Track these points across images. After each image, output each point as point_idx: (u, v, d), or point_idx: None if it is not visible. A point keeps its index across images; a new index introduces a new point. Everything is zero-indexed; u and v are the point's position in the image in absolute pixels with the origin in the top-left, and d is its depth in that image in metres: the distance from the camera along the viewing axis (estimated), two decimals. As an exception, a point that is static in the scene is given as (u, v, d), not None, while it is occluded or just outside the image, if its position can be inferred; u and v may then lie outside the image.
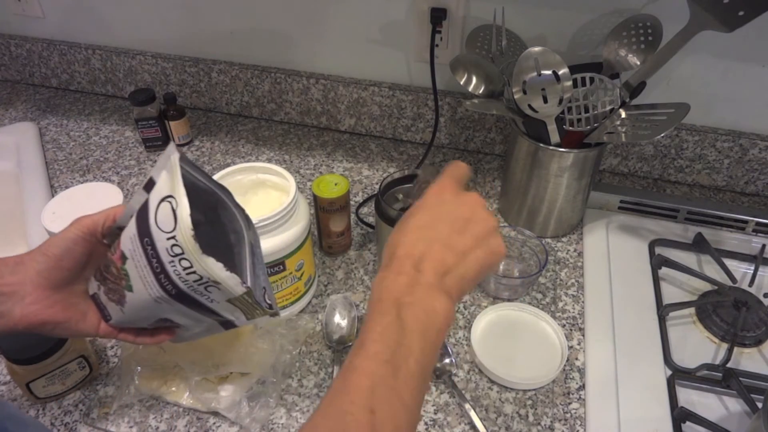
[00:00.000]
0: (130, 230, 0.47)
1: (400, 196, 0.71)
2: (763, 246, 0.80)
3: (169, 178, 0.45)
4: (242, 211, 0.53)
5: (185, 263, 0.44)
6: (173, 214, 0.43)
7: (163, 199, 0.44)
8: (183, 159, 0.47)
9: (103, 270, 0.51)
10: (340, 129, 1.08)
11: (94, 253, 0.52)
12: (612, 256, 0.80)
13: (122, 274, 0.48)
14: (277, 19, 0.99)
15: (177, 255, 0.44)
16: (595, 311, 0.73)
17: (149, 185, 0.47)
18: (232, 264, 0.49)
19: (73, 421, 0.62)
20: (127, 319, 0.52)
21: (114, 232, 0.51)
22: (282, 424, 0.62)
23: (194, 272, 0.45)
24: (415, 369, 0.40)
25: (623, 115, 0.72)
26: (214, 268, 0.45)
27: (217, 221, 0.52)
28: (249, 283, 0.50)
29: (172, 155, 0.46)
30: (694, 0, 0.63)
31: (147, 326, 0.53)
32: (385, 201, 0.68)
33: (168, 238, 0.44)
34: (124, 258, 0.47)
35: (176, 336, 0.56)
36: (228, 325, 0.53)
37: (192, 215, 0.43)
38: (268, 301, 0.51)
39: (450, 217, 0.46)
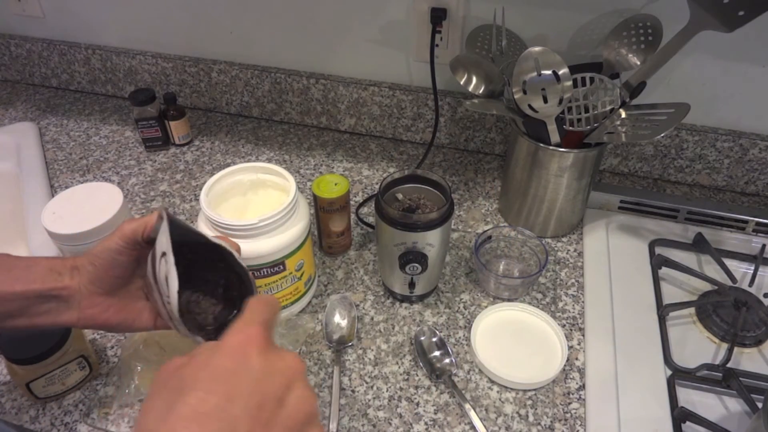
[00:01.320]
0: (149, 267, 0.49)
1: (400, 196, 0.71)
2: (763, 246, 0.80)
3: (164, 233, 0.46)
4: (216, 245, 0.52)
5: (182, 331, 0.47)
6: (165, 281, 0.45)
7: (162, 255, 0.46)
8: (170, 219, 0.47)
9: (149, 280, 0.52)
10: (340, 129, 1.08)
11: (141, 257, 0.52)
12: (612, 256, 0.80)
13: (155, 297, 0.50)
14: (277, 19, 0.99)
15: (174, 319, 0.47)
16: (595, 311, 0.73)
17: (160, 219, 0.48)
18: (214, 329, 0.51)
19: (73, 421, 0.62)
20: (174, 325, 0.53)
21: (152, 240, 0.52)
22: (282, 424, 0.62)
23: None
24: None
25: (623, 115, 0.72)
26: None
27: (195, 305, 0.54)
28: None
29: (164, 216, 0.47)
30: (694, 0, 0.63)
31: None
32: (385, 201, 0.68)
33: (167, 302, 0.46)
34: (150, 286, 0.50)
35: None
36: None
37: (180, 294, 0.45)
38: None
39: (255, 397, 0.31)
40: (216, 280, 0.53)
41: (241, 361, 0.33)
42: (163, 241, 0.45)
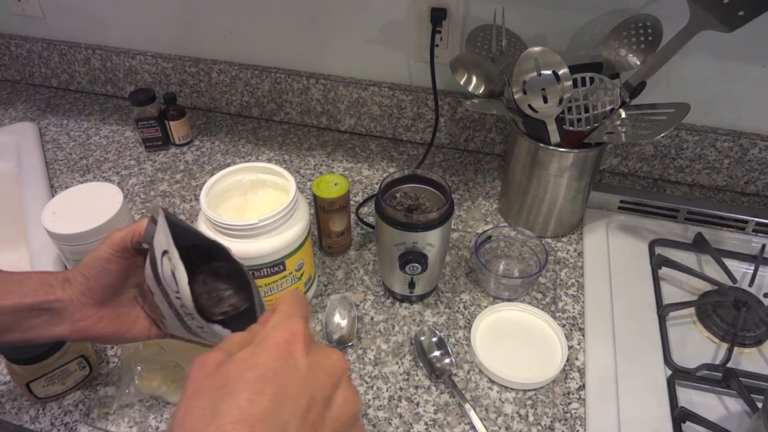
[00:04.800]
0: (148, 271, 0.48)
1: (400, 196, 0.71)
2: (763, 246, 0.80)
3: (162, 231, 0.46)
4: (239, 267, 0.52)
5: (196, 323, 0.47)
6: (173, 276, 0.44)
7: (163, 253, 0.45)
8: (171, 223, 0.47)
9: (144, 287, 0.52)
10: (340, 129, 1.08)
11: (132, 265, 0.52)
12: (612, 256, 0.80)
13: (155, 302, 0.50)
14: (277, 19, 0.99)
15: (188, 314, 0.46)
16: (595, 311, 0.73)
17: (152, 223, 0.48)
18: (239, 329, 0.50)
19: (73, 421, 0.62)
20: (171, 330, 0.53)
21: (142, 248, 0.52)
22: (282, 424, 0.62)
23: (206, 331, 0.47)
24: None
25: (623, 115, 0.72)
26: (222, 334, 0.46)
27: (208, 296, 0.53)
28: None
29: (159, 215, 0.46)
30: (694, 0, 0.63)
31: (188, 339, 0.54)
32: (385, 201, 0.68)
33: (176, 297, 0.45)
34: (150, 292, 0.49)
35: None
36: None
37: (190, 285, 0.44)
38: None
39: (303, 398, 0.30)
40: (215, 276, 0.52)
41: (288, 359, 0.31)
42: (162, 240, 0.45)
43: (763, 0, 0.59)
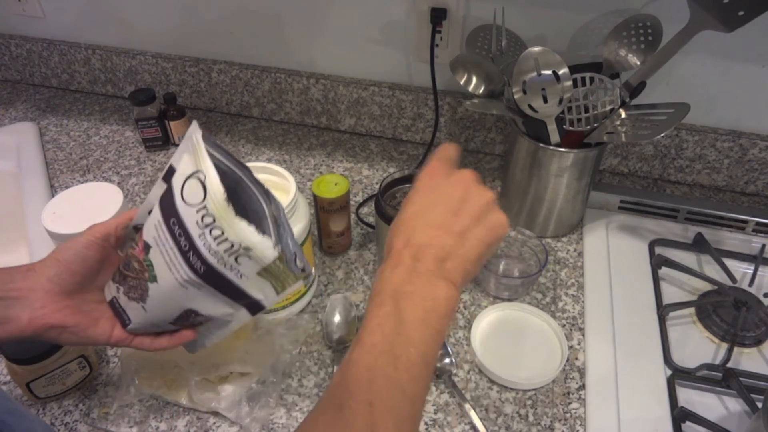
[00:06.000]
0: (154, 218, 0.47)
1: (400, 196, 0.71)
2: (763, 246, 0.80)
3: (191, 157, 0.46)
4: (261, 187, 0.52)
5: (216, 232, 0.44)
6: (202, 185, 0.44)
7: (188, 177, 0.45)
8: (206, 138, 0.46)
9: (122, 269, 0.51)
10: (340, 129, 1.08)
11: (107, 259, 0.51)
12: (612, 256, 0.80)
13: (145, 265, 0.48)
14: (277, 19, 0.99)
15: (207, 225, 0.44)
16: (595, 311, 0.73)
17: (169, 173, 0.47)
18: (261, 230, 0.47)
19: (73, 421, 0.62)
20: (149, 317, 0.51)
21: (130, 233, 0.51)
22: (282, 424, 0.62)
23: (225, 240, 0.44)
24: (417, 358, 0.39)
25: (623, 115, 0.72)
26: (246, 232, 0.44)
27: (238, 201, 0.52)
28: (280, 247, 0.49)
29: (194, 134, 0.46)
30: (694, 0, 0.63)
31: (169, 324, 0.52)
32: (385, 201, 0.68)
33: (198, 210, 0.44)
34: (147, 248, 0.48)
35: (197, 337, 0.54)
36: (255, 308, 0.52)
37: (222, 181, 0.43)
38: (300, 265, 0.50)
39: (444, 199, 0.45)
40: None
41: (432, 182, 0.47)
42: (188, 161, 0.45)
43: (763, 0, 0.59)
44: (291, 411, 0.63)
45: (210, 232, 0.44)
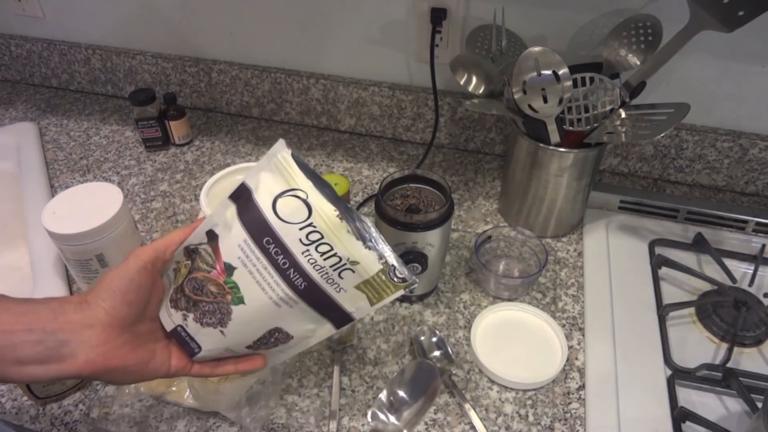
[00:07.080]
0: (237, 237, 0.46)
1: (400, 196, 0.71)
2: (763, 246, 0.80)
3: (277, 176, 0.46)
4: (344, 203, 0.51)
5: (323, 248, 0.45)
6: (304, 203, 0.44)
7: (280, 195, 0.45)
8: (295, 156, 0.47)
9: (191, 294, 0.48)
10: (340, 129, 1.08)
11: (155, 286, 0.48)
12: (612, 256, 0.80)
13: (228, 288, 0.46)
14: (277, 19, 0.99)
15: (314, 242, 0.44)
16: (595, 311, 0.73)
17: (242, 192, 0.47)
18: (367, 245, 0.47)
19: (73, 421, 0.62)
20: (226, 342, 0.49)
21: (182, 254, 0.49)
22: (282, 424, 0.62)
23: (333, 255, 0.45)
24: None
25: (623, 115, 0.72)
26: (356, 246, 0.45)
27: (344, 218, 0.51)
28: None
29: (281, 152, 0.46)
30: (694, 0, 0.63)
31: (245, 348, 0.51)
32: (385, 201, 0.68)
33: (302, 228, 0.44)
34: (230, 269, 0.46)
35: (268, 359, 0.53)
36: (343, 321, 0.51)
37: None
38: (400, 276, 0.49)
39: None
40: None
41: None
42: (277, 180, 0.46)
43: (763, 0, 0.59)
44: (291, 411, 0.63)
45: (317, 248, 0.45)
